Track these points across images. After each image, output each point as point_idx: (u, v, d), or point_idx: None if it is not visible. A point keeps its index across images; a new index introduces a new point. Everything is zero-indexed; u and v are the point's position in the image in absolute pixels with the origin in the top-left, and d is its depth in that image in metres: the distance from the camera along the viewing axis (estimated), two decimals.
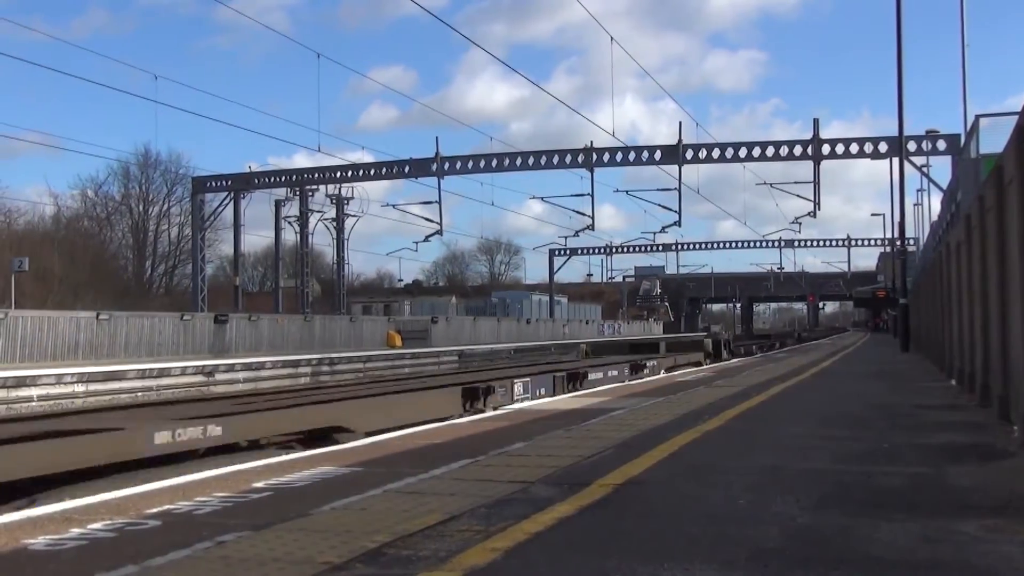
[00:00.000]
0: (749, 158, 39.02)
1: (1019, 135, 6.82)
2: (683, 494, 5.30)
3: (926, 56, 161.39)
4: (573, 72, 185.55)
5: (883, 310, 72.87)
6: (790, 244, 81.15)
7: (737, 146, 39.29)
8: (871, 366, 21.37)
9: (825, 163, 37.64)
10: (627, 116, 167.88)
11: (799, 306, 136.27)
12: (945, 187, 29.84)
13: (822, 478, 5.78)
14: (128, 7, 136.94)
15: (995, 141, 13.03)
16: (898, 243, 35.65)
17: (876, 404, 11.03)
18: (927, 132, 37.01)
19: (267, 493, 5.40)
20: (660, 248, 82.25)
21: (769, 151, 38.55)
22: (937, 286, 17.74)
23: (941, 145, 35.97)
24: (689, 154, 39.00)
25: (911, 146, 35.01)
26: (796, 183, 40.33)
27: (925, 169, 37.86)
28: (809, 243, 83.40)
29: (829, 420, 9.37)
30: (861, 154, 37.73)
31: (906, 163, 32.88)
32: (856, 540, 4.10)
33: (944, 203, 27.11)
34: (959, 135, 30.08)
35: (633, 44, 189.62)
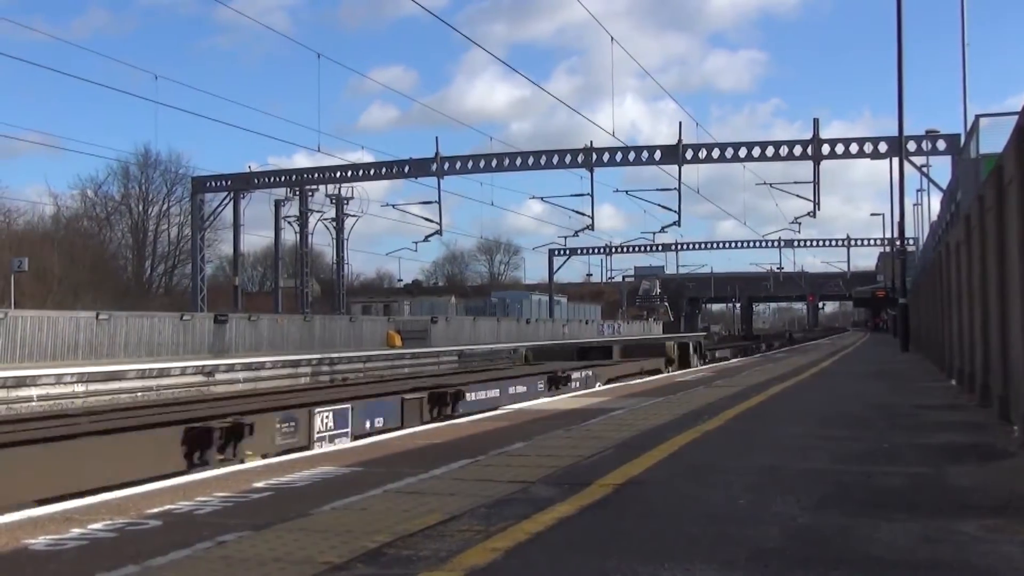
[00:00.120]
0: (749, 158, 39.01)
1: (1019, 135, 6.82)
2: (683, 494, 5.31)
3: (926, 56, 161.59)
4: (573, 72, 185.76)
5: (883, 310, 72.88)
6: (790, 244, 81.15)
7: (737, 146, 39.29)
8: (871, 366, 21.37)
9: (825, 163, 37.64)
10: (627, 116, 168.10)
11: (799, 306, 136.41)
12: (945, 187, 29.82)
13: (822, 478, 5.78)
14: (128, 7, 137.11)
15: (995, 141, 13.01)
16: (898, 243, 35.65)
17: (876, 404, 11.03)
18: (927, 132, 37.00)
19: (267, 493, 5.40)
20: (660, 248, 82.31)
21: (769, 151, 38.54)
22: (937, 286, 17.74)
23: (941, 145, 35.96)
24: (689, 154, 38.99)
25: (911, 146, 35.00)
26: (796, 183, 40.33)
27: (925, 169, 37.86)
28: (809, 243, 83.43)
29: (829, 420, 9.37)
30: (861, 154, 37.73)
31: (906, 163, 32.89)
32: (856, 540, 4.10)
33: (944, 203, 27.10)
34: (959, 135, 30.07)
35: (633, 44, 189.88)
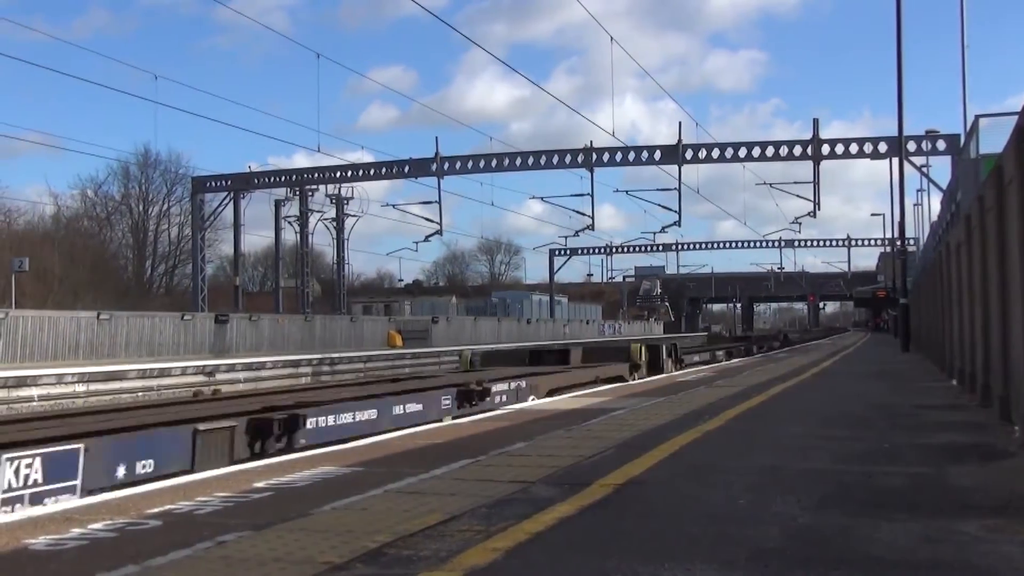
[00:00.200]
0: (749, 158, 39.02)
1: (1019, 135, 6.81)
2: (684, 494, 5.31)
3: (926, 56, 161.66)
4: (573, 72, 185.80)
5: (883, 310, 72.89)
6: (790, 244, 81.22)
7: (737, 146, 39.30)
8: (871, 366, 21.36)
9: (825, 163, 37.67)
10: (627, 116, 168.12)
11: (799, 306, 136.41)
12: (945, 187, 29.82)
13: (822, 478, 5.78)
14: (129, 7, 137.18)
15: (995, 141, 13.01)
16: (898, 243, 35.66)
17: (876, 404, 11.03)
18: (927, 132, 37.01)
19: (268, 493, 5.40)
20: (660, 248, 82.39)
21: (769, 151, 38.55)
22: (937, 286, 17.74)
23: (941, 145, 35.97)
24: (689, 154, 39.00)
25: (911, 146, 35.01)
26: (796, 183, 40.35)
27: (925, 169, 37.87)
28: (809, 243, 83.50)
29: (829, 420, 9.37)
30: (861, 154, 37.74)
31: (906, 163, 32.88)
32: (857, 540, 4.10)
33: (944, 203, 27.09)
34: (959, 135, 30.07)
35: (633, 44, 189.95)
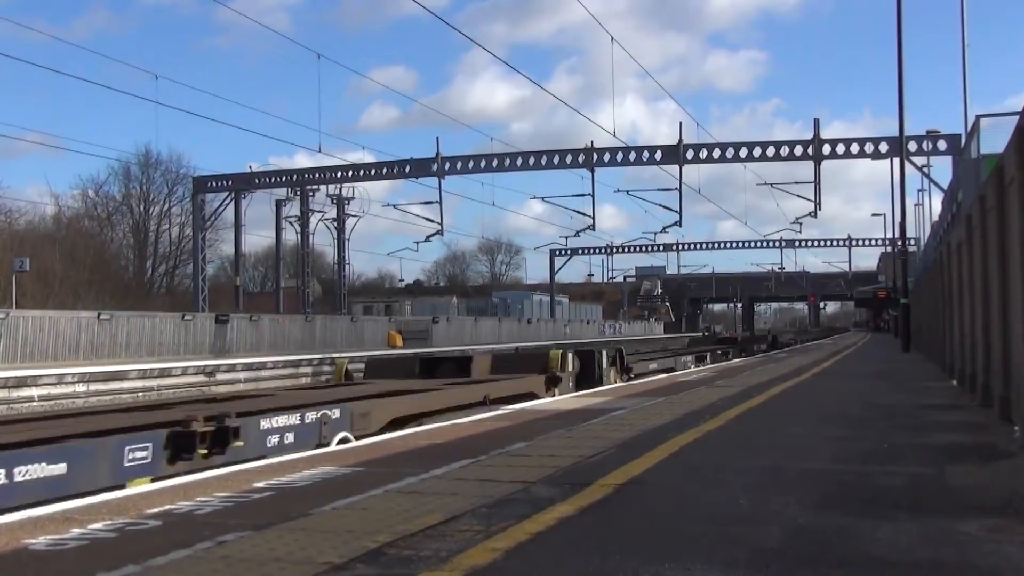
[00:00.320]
0: (750, 158, 39.04)
1: (1020, 135, 6.81)
2: (684, 494, 5.30)
3: (927, 56, 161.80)
4: (574, 72, 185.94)
5: (884, 310, 72.87)
6: (791, 244, 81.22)
7: (738, 146, 39.32)
8: (872, 366, 21.35)
9: (826, 163, 37.70)
10: (628, 116, 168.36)
11: (800, 306, 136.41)
12: (946, 187, 29.84)
13: (823, 478, 5.78)
14: (130, 7, 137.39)
15: (996, 141, 13.02)
16: (899, 243, 35.65)
17: (877, 404, 11.02)
18: (928, 132, 37.03)
19: (268, 493, 5.39)
20: (661, 248, 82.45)
21: (770, 151, 38.57)
22: (938, 286, 17.73)
23: (942, 145, 35.98)
24: (690, 154, 39.01)
25: (912, 146, 35.01)
26: (797, 183, 40.44)
27: (926, 169, 37.87)
28: (810, 243, 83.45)
29: (830, 420, 9.36)
30: (862, 154, 37.75)
31: (907, 163, 32.89)
32: (857, 540, 4.09)
33: (945, 203, 27.12)
34: (960, 135, 30.08)
35: (634, 44, 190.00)
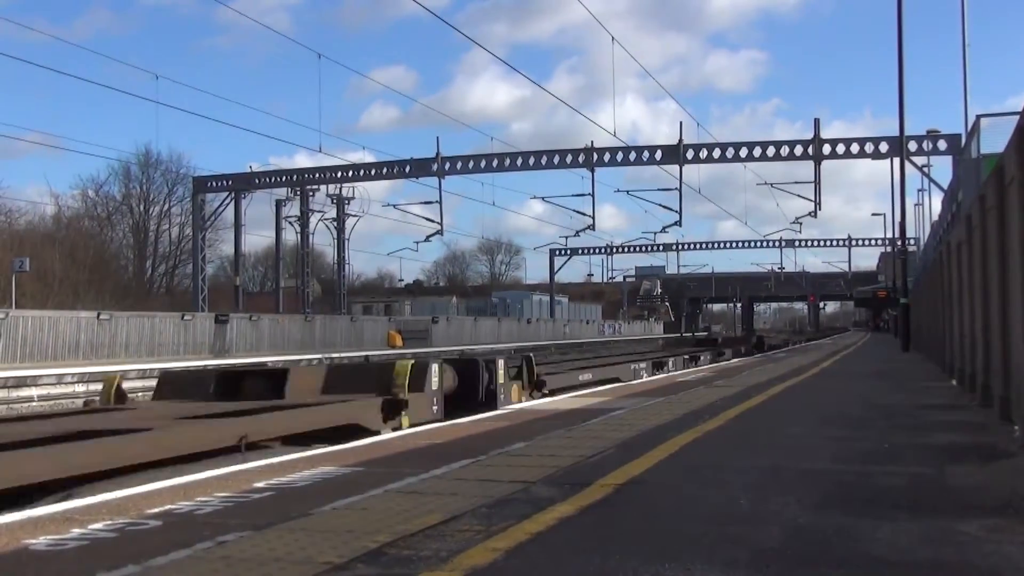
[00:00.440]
0: (750, 158, 39.03)
1: (1020, 135, 6.81)
2: (684, 494, 5.30)
3: (927, 56, 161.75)
4: (574, 72, 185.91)
5: (884, 310, 72.91)
6: (791, 244, 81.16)
7: (738, 146, 39.31)
8: (872, 366, 21.35)
9: (826, 163, 37.68)
10: (628, 116, 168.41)
11: (800, 306, 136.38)
12: (946, 187, 29.83)
13: (823, 478, 5.78)
14: (130, 7, 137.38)
15: (996, 141, 13.01)
16: (899, 243, 35.65)
17: (877, 404, 11.02)
18: (928, 132, 37.03)
19: (268, 493, 5.39)
20: (661, 248, 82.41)
21: (770, 151, 38.56)
22: (938, 286, 17.73)
23: (942, 145, 35.97)
24: (690, 154, 39.00)
25: (912, 146, 35.00)
26: (797, 183, 40.41)
27: (926, 169, 37.86)
28: (810, 243, 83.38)
29: (830, 420, 9.36)
30: (862, 154, 37.74)
31: (907, 163, 32.89)
32: (857, 540, 4.09)
33: (945, 203, 27.10)
34: (960, 135, 30.07)
35: (634, 44, 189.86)
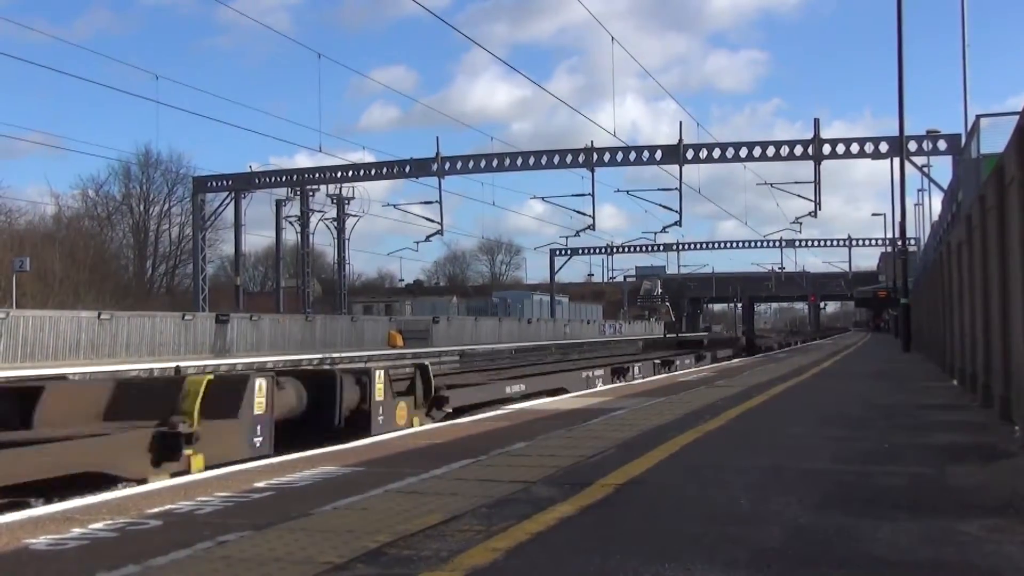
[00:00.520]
0: (750, 158, 39.02)
1: (1020, 135, 6.81)
2: (685, 494, 5.30)
3: (927, 56, 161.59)
4: (574, 72, 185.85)
5: (884, 310, 72.84)
6: (791, 244, 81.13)
7: (738, 146, 39.30)
8: (872, 366, 21.34)
9: (826, 163, 37.68)
10: (628, 116, 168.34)
11: (800, 306, 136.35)
12: (946, 187, 29.81)
13: (823, 478, 5.78)
14: (130, 7, 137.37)
15: (996, 141, 13.00)
16: (899, 243, 35.64)
17: (877, 404, 11.02)
18: (928, 132, 37.02)
19: (268, 493, 5.39)
20: (661, 248, 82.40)
21: (770, 151, 38.55)
22: (938, 286, 17.72)
23: (942, 145, 35.96)
24: (690, 154, 39.00)
25: (912, 146, 35.00)
26: (797, 183, 40.41)
27: (926, 169, 37.86)
28: (810, 243, 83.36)
29: (830, 420, 9.36)
30: (862, 154, 37.73)
31: (907, 163, 32.88)
32: (858, 540, 4.09)
33: (945, 203, 27.09)
34: (960, 135, 30.06)
35: (634, 44, 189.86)
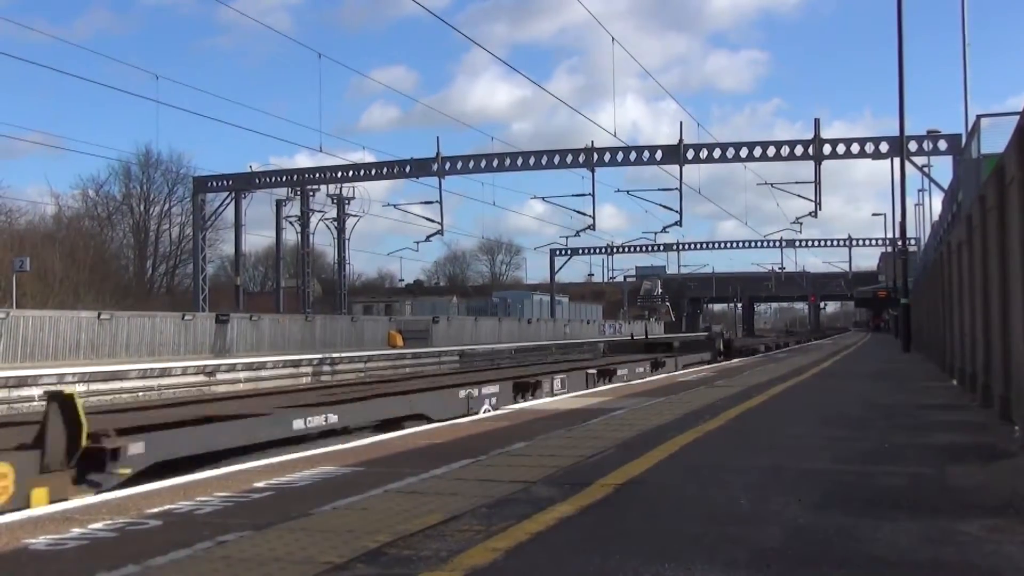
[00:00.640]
0: (750, 158, 38.98)
1: (1020, 135, 6.81)
2: (684, 494, 5.30)
3: (927, 56, 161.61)
4: (574, 72, 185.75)
5: (884, 310, 72.86)
6: (791, 244, 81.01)
7: (738, 146, 39.25)
8: (872, 366, 21.34)
9: (826, 163, 37.60)
10: (628, 116, 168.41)
11: (800, 306, 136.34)
12: (946, 187, 29.81)
13: (823, 478, 5.78)
14: (131, 7, 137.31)
15: (996, 141, 13.01)
16: (899, 243, 35.63)
17: (877, 404, 11.02)
18: (928, 132, 36.95)
19: (268, 493, 5.39)
20: (661, 248, 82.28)
21: (770, 151, 38.50)
22: (938, 286, 17.72)
23: (942, 145, 35.91)
24: (690, 154, 38.95)
25: (912, 146, 34.96)
26: (797, 183, 40.32)
27: (926, 169, 37.81)
28: (810, 243, 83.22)
29: (830, 420, 9.36)
30: (862, 154, 37.69)
31: (907, 163, 32.87)
32: (858, 540, 4.09)
33: (945, 203, 27.09)
34: (960, 135, 30.03)
35: (634, 44, 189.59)
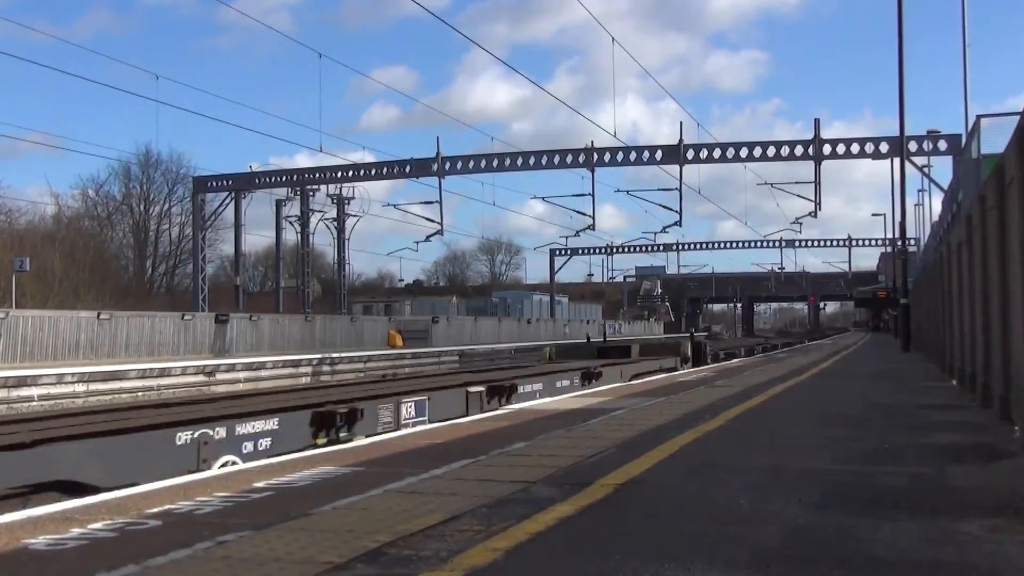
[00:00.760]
0: (750, 158, 38.98)
1: (1020, 135, 6.81)
2: (684, 494, 5.30)
3: (928, 56, 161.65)
4: (574, 72, 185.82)
5: (884, 310, 72.83)
6: (791, 244, 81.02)
7: (738, 146, 39.25)
8: (871, 366, 21.35)
9: (826, 163, 37.60)
10: (628, 116, 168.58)
11: (800, 306, 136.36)
12: (946, 187, 29.82)
13: (823, 478, 5.78)
14: (131, 7, 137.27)
15: (996, 141, 13.02)
16: (899, 243, 35.64)
17: (877, 404, 11.02)
18: (928, 132, 36.97)
19: (268, 493, 5.39)
20: (661, 248, 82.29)
21: (770, 151, 38.50)
22: (938, 286, 17.73)
23: (942, 145, 35.92)
24: (690, 154, 38.95)
25: (912, 146, 34.96)
26: (797, 183, 40.32)
27: (926, 169, 37.81)
28: (810, 243, 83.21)
29: (830, 420, 9.36)
30: (862, 154, 37.69)
31: (907, 163, 32.87)
32: (858, 540, 4.09)
33: (945, 203, 27.11)
34: (960, 135, 30.03)
35: (634, 44, 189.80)
